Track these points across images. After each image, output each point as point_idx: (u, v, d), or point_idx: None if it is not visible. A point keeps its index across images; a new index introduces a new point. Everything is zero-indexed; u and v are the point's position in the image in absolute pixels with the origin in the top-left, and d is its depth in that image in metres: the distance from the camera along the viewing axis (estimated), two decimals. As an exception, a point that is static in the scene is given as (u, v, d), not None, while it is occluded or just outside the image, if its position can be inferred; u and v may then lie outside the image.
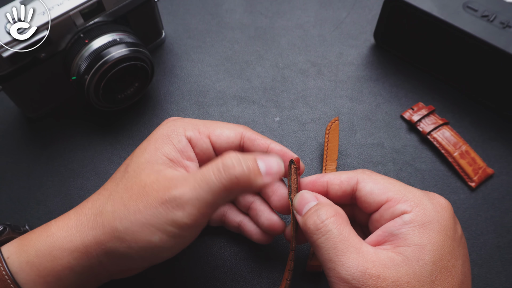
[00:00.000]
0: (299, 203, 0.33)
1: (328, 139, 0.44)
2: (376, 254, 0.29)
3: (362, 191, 0.33)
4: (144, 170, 0.32)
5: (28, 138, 0.47)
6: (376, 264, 0.28)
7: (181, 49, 0.52)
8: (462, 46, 0.44)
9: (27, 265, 0.31)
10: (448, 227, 0.30)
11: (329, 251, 0.29)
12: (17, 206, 0.43)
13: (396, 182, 0.32)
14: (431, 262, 0.28)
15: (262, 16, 0.54)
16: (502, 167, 0.44)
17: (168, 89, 0.50)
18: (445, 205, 0.31)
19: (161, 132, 0.34)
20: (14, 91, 0.43)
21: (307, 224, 0.31)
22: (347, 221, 0.31)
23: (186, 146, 0.34)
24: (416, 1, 0.44)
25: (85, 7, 0.41)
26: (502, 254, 0.40)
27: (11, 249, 0.32)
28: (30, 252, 0.31)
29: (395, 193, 0.31)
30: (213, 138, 0.35)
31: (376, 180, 0.33)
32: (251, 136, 0.35)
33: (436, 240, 0.29)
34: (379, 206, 0.32)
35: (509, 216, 0.42)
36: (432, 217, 0.30)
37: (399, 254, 0.29)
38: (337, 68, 0.51)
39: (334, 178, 0.34)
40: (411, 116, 0.47)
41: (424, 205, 0.30)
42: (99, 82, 0.41)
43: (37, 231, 0.33)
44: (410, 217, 0.30)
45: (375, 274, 0.28)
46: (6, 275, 0.30)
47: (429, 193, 0.32)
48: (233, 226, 0.39)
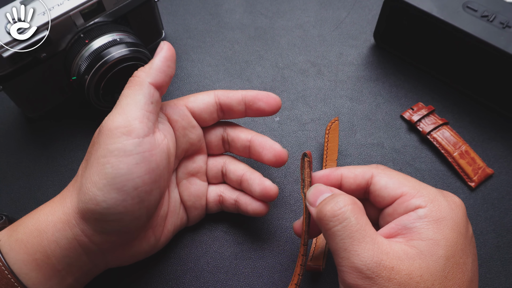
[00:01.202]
0: (314, 194, 0.32)
1: (328, 139, 0.44)
2: (390, 246, 0.29)
3: (377, 185, 0.32)
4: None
5: (28, 138, 0.47)
6: (390, 255, 0.28)
7: (181, 49, 0.52)
8: (462, 46, 0.44)
9: (16, 243, 0.31)
10: (461, 225, 0.30)
11: (344, 240, 0.28)
12: (17, 206, 0.43)
13: (410, 178, 0.32)
14: (444, 257, 0.28)
15: (262, 16, 0.54)
16: (501, 167, 0.44)
17: (168, 89, 0.50)
18: (459, 203, 0.31)
19: None
20: (14, 91, 0.43)
21: (323, 211, 0.30)
22: (364, 211, 0.30)
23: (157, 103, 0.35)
24: (416, 1, 0.44)
25: (85, 7, 0.41)
26: (502, 254, 0.40)
27: (2, 233, 0.32)
28: (19, 231, 0.32)
29: (410, 188, 0.31)
30: (190, 104, 0.37)
31: (391, 175, 0.32)
32: (224, 92, 0.38)
33: (449, 236, 0.29)
34: (393, 201, 0.32)
35: (509, 216, 0.42)
36: (446, 214, 0.30)
37: (412, 247, 0.29)
38: (337, 68, 0.51)
39: (349, 172, 0.34)
40: (411, 116, 0.47)
41: (439, 201, 0.30)
42: (99, 82, 0.41)
43: (28, 214, 0.33)
44: (425, 212, 0.30)
45: (389, 265, 0.27)
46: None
47: (443, 191, 0.32)
48: (231, 205, 0.39)
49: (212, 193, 0.40)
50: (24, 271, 0.30)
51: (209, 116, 0.38)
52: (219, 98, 0.37)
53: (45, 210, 0.33)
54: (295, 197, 0.43)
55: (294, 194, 0.43)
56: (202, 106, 0.37)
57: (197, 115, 0.37)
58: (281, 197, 0.43)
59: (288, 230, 0.41)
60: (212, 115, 0.38)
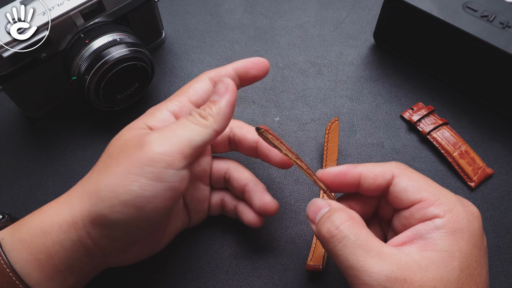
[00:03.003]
0: (313, 211, 0.32)
1: (328, 139, 0.44)
2: (401, 257, 0.28)
3: (397, 187, 0.32)
4: (124, 135, 0.33)
5: (28, 138, 0.47)
6: (401, 267, 0.27)
7: (181, 49, 0.52)
8: (462, 46, 0.44)
9: (19, 243, 0.31)
10: (477, 237, 0.29)
11: (348, 258, 0.28)
12: (17, 206, 0.43)
13: (431, 182, 0.32)
14: (459, 269, 0.28)
15: (262, 16, 0.54)
16: (501, 167, 0.44)
17: (168, 89, 0.50)
18: (476, 214, 0.30)
19: (144, 113, 0.35)
20: (14, 91, 0.43)
21: (321, 232, 0.30)
22: (363, 224, 0.30)
23: (168, 116, 0.34)
24: (416, 1, 0.44)
25: (85, 7, 0.41)
26: (502, 254, 0.40)
27: (5, 232, 0.32)
28: (22, 230, 0.31)
29: (430, 195, 0.30)
30: (192, 98, 0.35)
31: (412, 177, 0.32)
32: (215, 72, 0.36)
33: (465, 248, 0.29)
34: (411, 205, 0.31)
35: (509, 216, 0.42)
36: (463, 225, 0.29)
37: (425, 258, 0.28)
38: (337, 68, 0.51)
39: (368, 171, 0.33)
40: (411, 116, 0.47)
41: (458, 211, 0.30)
42: (99, 82, 0.41)
43: (31, 214, 0.33)
44: (442, 223, 0.29)
45: (401, 277, 0.27)
46: (0, 255, 0.30)
47: (463, 200, 0.31)
48: (231, 210, 0.39)
49: (215, 198, 0.40)
50: (26, 271, 0.30)
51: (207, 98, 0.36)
52: (213, 79, 0.36)
53: (49, 211, 0.32)
54: (295, 197, 0.43)
55: (294, 194, 0.43)
56: (204, 96, 0.36)
57: (198, 102, 0.36)
58: (281, 197, 0.43)
59: (288, 230, 0.41)
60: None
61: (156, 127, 0.33)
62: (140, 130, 0.33)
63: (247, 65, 0.37)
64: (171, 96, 0.36)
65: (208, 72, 0.37)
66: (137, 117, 0.35)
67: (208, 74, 0.36)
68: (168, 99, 0.36)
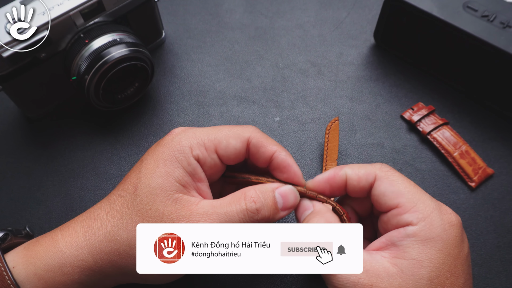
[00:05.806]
0: (299, 212, 0.33)
1: (328, 139, 0.44)
2: (370, 263, 0.29)
3: (376, 190, 0.32)
4: (159, 197, 0.31)
5: (28, 138, 0.47)
6: (369, 273, 0.28)
7: (181, 49, 0.52)
8: (462, 46, 0.44)
9: (35, 277, 0.31)
10: (452, 246, 0.29)
11: None
12: (17, 206, 0.43)
13: (411, 187, 0.31)
14: (427, 278, 0.28)
15: (262, 16, 0.54)
16: (502, 167, 0.44)
17: (168, 89, 0.50)
18: (454, 223, 0.30)
19: (169, 154, 0.32)
20: (14, 91, 0.43)
21: None
22: None
23: (196, 167, 0.33)
24: (416, 1, 0.44)
25: (85, 7, 0.41)
26: (502, 254, 0.40)
27: (16, 259, 0.32)
28: (38, 266, 0.31)
29: (406, 201, 0.30)
30: (220, 152, 0.33)
31: (393, 182, 0.32)
32: (257, 143, 0.34)
33: (435, 257, 0.29)
34: (388, 210, 0.31)
35: (509, 216, 0.42)
36: (436, 234, 0.29)
37: (394, 265, 0.29)
38: (337, 68, 0.51)
39: (353, 173, 0.33)
40: (411, 116, 0.47)
41: (432, 220, 0.30)
42: (99, 82, 0.41)
43: (43, 244, 0.32)
44: (413, 231, 0.29)
45: (368, 283, 0.28)
46: (12, 284, 0.30)
47: (442, 207, 0.31)
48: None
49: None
50: None
51: (233, 160, 0.35)
52: (250, 149, 0.34)
53: (69, 252, 0.32)
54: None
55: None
56: (232, 156, 0.34)
57: (225, 159, 0.34)
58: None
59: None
60: (238, 159, 0.35)
61: (188, 185, 0.32)
62: (175, 194, 0.31)
63: (281, 167, 0.34)
64: (201, 131, 0.34)
65: (254, 131, 0.34)
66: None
67: (252, 132, 0.34)
68: (195, 133, 0.33)
